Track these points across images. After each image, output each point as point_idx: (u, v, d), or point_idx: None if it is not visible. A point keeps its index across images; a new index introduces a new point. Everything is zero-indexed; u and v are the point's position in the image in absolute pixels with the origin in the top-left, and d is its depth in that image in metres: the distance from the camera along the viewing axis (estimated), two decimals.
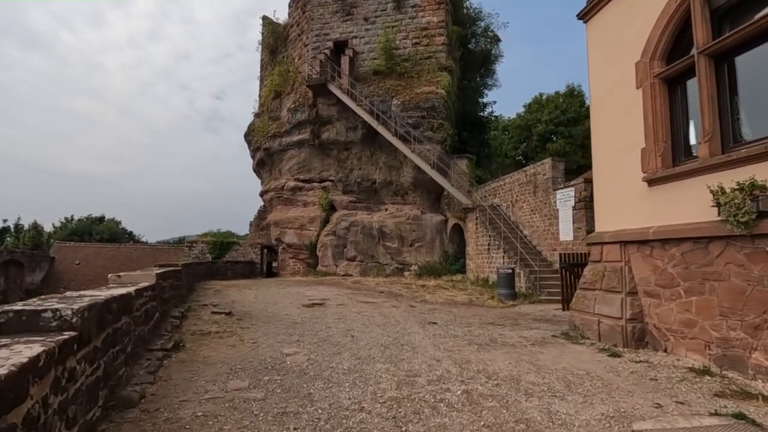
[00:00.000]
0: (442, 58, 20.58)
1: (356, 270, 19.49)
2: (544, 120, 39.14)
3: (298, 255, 21.95)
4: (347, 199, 20.82)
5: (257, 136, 25.09)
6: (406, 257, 19.29)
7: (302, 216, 21.61)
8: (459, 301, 11.83)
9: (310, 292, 12.12)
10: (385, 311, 9.60)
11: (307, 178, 21.98)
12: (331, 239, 20.09)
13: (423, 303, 11.26)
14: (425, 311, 9.84)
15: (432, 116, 19.18)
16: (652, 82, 6.00)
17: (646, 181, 5.96)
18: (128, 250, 33.25)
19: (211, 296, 10.55)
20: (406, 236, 19.31)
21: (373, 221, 19.81)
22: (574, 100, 39.34)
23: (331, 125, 20.67)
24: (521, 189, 15.26)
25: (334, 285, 14.93)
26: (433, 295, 12.53)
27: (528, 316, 9.58)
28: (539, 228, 14.07)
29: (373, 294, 12.57)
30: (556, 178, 13.46)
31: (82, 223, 55.71)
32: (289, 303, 9.98)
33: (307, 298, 10.95)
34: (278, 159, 23.52)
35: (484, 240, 15.51)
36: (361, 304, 10.39)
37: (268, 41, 27.02)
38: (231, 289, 12.48)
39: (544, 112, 40.15)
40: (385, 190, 20.52)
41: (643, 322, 5.96)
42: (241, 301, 10.03)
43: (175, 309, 7.18)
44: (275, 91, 24.10)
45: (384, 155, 20.11)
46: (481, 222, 15.87)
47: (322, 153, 21.44)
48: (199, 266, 13.71)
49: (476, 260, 16.21)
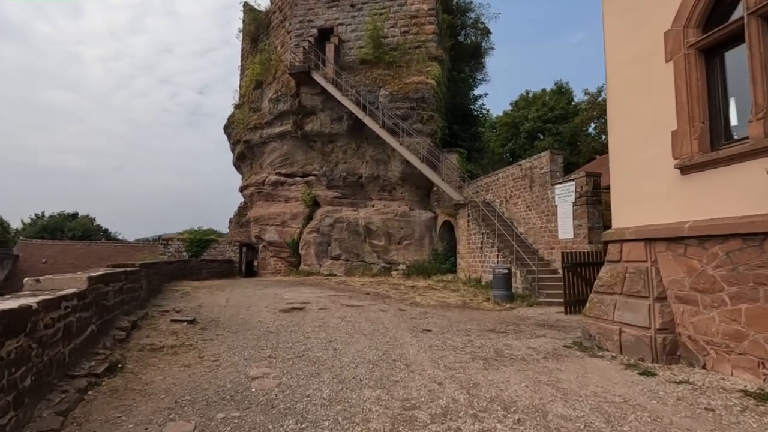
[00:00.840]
0: (432, 47, 19.65)
1: (341, 269, 18.46)
2: (532, 117, 38.72)
3: (280, 253, 20.81)
4: (332, 194, 19.75)
5: (237, 129, 23.79)
6: (394, 256, 18.34)
7: (284, 212, 20.45)
8: (452, 303, 10.93)
9: (289, 294, 11.06)
10: (373, 316, 8.62)
11: (289, 173, 20.82)
12: (315, 237, 19.01)
13: (413, 306, 10.33)
14: (417, 316, 8.89)
15: (421, 108, 18.24)
16: (687, 54, 5.15)
17: (678, 168, 5.11)
18: (100, 248, 31.50)
19: (177, 300, 9.41)
20: (393, 234, 18.35)
21: (359, 218, 18.79)
22: (562, 97, 39.00)
23: (315, 116, 19.56)
24: (516, 184, 14.45)
25: (316, 286, 13.88)
26: (423, 297, 11.61)
27: (529, 321, 8.73)
28: (536, 225, 13.26)
29: (358, 296, 11.57)
30: (554, 172, 12.67)
31: (54, 220, 53.31)
32: (264, 307, 8.91)
33: (285, 301, 9.89)
34: (259, 152, 22.29)
35: (477, 238, 14.66)
36: (345, 308, 9.39)
37: (249, 29, 25.67)
38: (202, 291, 11.33)
39: (532, 109, 39.73)
40: (371, 185, 19.51)
41: (675, 333, 5.11)
42: (209, 305, 8.91)
43: (124, 318, 6.07)
44: (256, 80, 22.85)
45: (371, 148, 19.11)
46: (473, 219, 15.02)
47: (306, 145, 20.31)
48: (168, 266, 12.50)
49: (468, 259, 15.36)
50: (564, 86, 40.98)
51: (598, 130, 36.49)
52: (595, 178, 11.20)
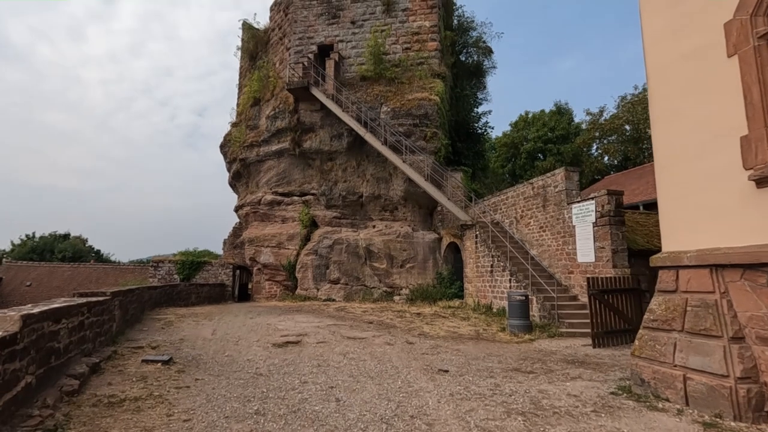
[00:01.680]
0: (434, 64, 19.15)
1: (340, 294, 17.37)
2: (532, 137, 38.41)
3: (275, 276, 19.72)
4: (331, 214, 18.84)
5: (233, 147, 23.05)
6: (396, 279, 17.30)
7: (280, 233, 19.48)
8: (464, 334, 9.88)
9: (284, 324, 9.98)
10: (378, 351, 7.57)
11: (286, 192, 19.95)
12: (312, 259, 17.98)
13: (422, 337, 9.28)
14: (428, 350, 7.85)
15: (425, 124, 17.55)
16: (757, 46, 4.36)
17: (753, 180, 4.24)
18: (87, 270, 30.25)
19: (157, 332, 8.33)
20: (395, 256, 17.36)
21: (359, 239, 17.83)
22: (562, 117, 38.77)
23: (314, 133, 18.84)
24: (527, 203, 13.59)
25: (314, 313, 12.80)
26: (432, 327, 10.55)
27: (555, 357, 7.70)
28: (551, 247, 12.34)
29: (360, 325, 10.51)
30: (570, 191, 11.83)
31: (44, 240, 52.09)
32: (255, 341, 7.85)
33: (279, 332, 8.83)
34: (255, 170, 21.48)
35: (486, 261, 13.70)
36: (347, 342, 8.34)
37: (248, 46, 25.27)
38: (187, 320, 10.24)
39: (531, 129, 39.50)
40: (372, 205, 18.64)
41: (761, 383, 4.13)
42: (193, 338, 7.84)
43: (83, 361, 5.03)
44: (254, 97, 22.24)
45: (372, 166, 18.32)
46: (481, 240, 14.09)
47: (304, 163, 19.52)
48: (151, 291, 11.40)
49: (476, 283, 14.35)
50: (563, 107, 40.81)
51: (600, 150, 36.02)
52: (618, 197, 10.35)
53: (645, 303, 9.80)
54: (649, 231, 11.92)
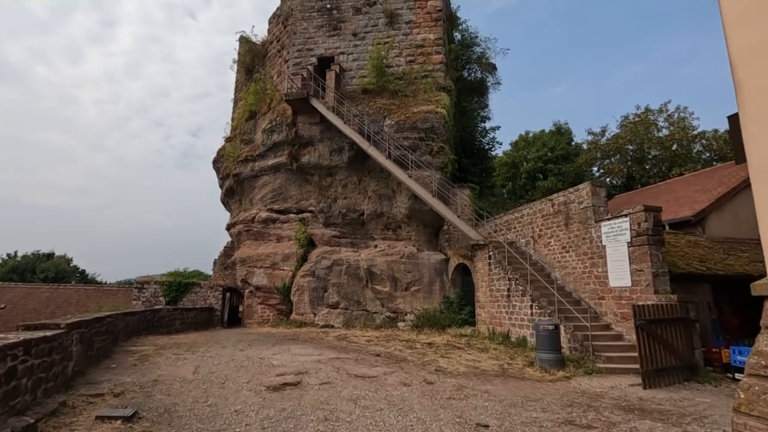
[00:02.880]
0: (439, 77, 18.36)
1: (339, 320, 15.96)
2: (532, 157, 37.86)
3: (269, 300, 18.27)
4: (329, 233, 17.60)
5: (227, 162, 21.92)
6: (400, 304, 15.96)
7: (275, 253, 18.15)
8: (488, 370, 8.58)
9: (280, 358, 8.61)
10: (395, 396, 6.26)
11: (282, 209, 18.73)
12: (309, 281, 16.63)
13: (441, 375, 7.97)
14: (453, 393, 6.55)
15: (431, 138, 16.59)
16: None
17: None
18: (68, 291, 28.44)
19: (127, 370, 6.94)
20: (399, 278, 16.08)
21: (360, 260, 16.55)
22: (561, 137, 38.35)
23: (313, 147, 17.78)
24: (546, 222, 12.51)
25: (312, 342, 11.41)
26: (449, 361, 9.24)
27: (604, 401, 6.45)
28: (576, 270, 11.19)
29: (367, 359, 9.16)
30: (597, 207, 10.78)
31: (26, 260, 49.96)
32: (246, 382, 6.49)
33: (274, 369, 7.47)
34: (249, 186, 20.30)
35: (502, 284, 12.48)
36: (355, 382, 7.01)
37: (244, 60, 24.49)
38: (167, 353, 8.82)
39: (531, 149, 39.03)
40: (374, 223, 17.46)
41: None
42: (169, 379, 6.46)
43: (10, 423, 3.69)
44: (249, 111, 21.27)
45: (374, 182, 17.23)
46: (496, 261, 12.91)
47: (301, 179, 18.39)
48: (127, 318, 9.94)
49: (490, 309, 13.08)
50: (563, 126, 40.41)
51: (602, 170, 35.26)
52: (656, 214, 9.29)
53: (695, 335, 8.62)
54: (684, 252, 10.84)
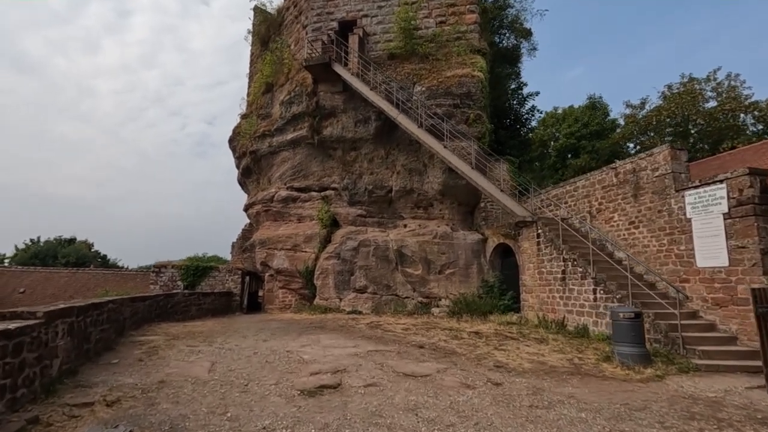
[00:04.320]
0: (473, 39, 16.55)
1: (367, 305, 14.70)
2: (564, 134, 35.58)
3: (290, 284, 17.13)
4: (354, 212, 16.24)
5: (243, 140, 20.63)
6: (434, 288, 14.58)
7: (296, 234, 16.91)
8: (557, 366, 7.15)
9: (310, 351, 7.33)
10: (461, 403, 4.91)
11: (303, 186, 17.42)
12: (334, 264, 15.36)
13: (504, 372, 6.57)
14: (531, 399, 5.17)
15: (467, 105, 14.93)
16: None
17: None
18: (86, 276, 28.00)
19: (129, 368, 5.74)
20: (433, 260, 14.67)
21: (389, 240, 15.18)
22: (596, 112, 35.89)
23: (335, 118, 16.31)
24: (608, 194, 10.87)
25: (342, 331, 10.14)
26: (507, 354, 7.83)
27: (729, 411, 4.99)
28: (649, 248, 9.58)
29: (410, 351, 7.82)
30: (678, 174, 9.09)
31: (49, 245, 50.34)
32: (273, 384, 5.21)
33: (306, 367, 6.18)
34: (267, 164, 19.01)
35: (555, 265, 10.95)
36: (405, 383, 5.67)
37: (259, 30, 22.96)
38: (179, 345, 7.64)
39: (563, 126, 36.67)
40: (403, 201, 16.01)
41: None
42: (179, 380, 5.22)
43: None
44: (266, 83, 19.85)
45: (403, 156, 15.72)
46: (547, 240, 11.36)
47: (323, 154, 16.99)
48: (135, 304, 8.79)
49: (540, 294, 11.59)
50: (597, 101, 37.80)
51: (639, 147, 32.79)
52: (763, 178, 7.59)
53: None
54: None
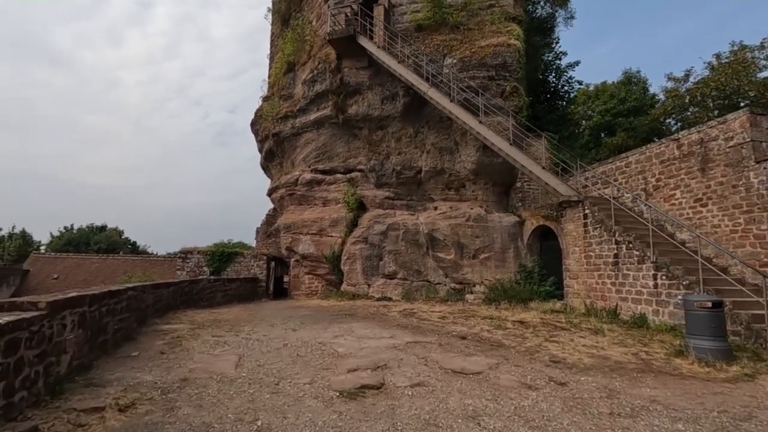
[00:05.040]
0: (508, 5, 15.31)
1: (397, 291, 14.05)
2: (599, 111, 33.59)
3: (316, 269, 16.64)
4: (382, 194, 15.49)
5: (265, 122, 20.06)
6: (468, 274, 13.78)
7: (321, 218, 16.33)
8: (622, 361, 6.28)
9: (344, 343, 6.70)
10: (527, 408, 4.16)
11: (327, 168, 16.75)
12: (362, 248, 14.72)
13: (565, 369, 5.77)
14: (607, 404, 4.37)
15: (502, 77, 13.83)
16: None
17: None
18: (116, 262, 28.40)
19: (149, 362, 5.22)
20: (466, 244, 13.83)
21: (419, 224, 14.40)
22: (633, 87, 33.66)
23: (361, 95, 15.47)
24: (667, 169, 9.74)
25: (375, 319, 9.50)
26: (561, 347, 7.00)
27: None
28: (720, 228, 8.49)
29: (453, 343, 7.09)
30: (758, 143, 7.93)
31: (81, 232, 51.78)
32: (308, 383, 4.58)
33: (342, 362, 5.54)
34: (290, 146, 18.40)
35: (606, 249, 9.96)
36: (456, 381, 4.95)
37: (279, 7, 22.14)
38: (204, 334, 7.13)
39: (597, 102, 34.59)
40: (433, 182, 15.15)
41: None
42: (204, 376, 4.65)
43: None
44: (288, 62, 19.10)
45: (433, 134, 14.80)
46: (596, 221, 10.34)
47: (348, 134, 16.22)
48: (158, 291, 8.37)
49: (586, 280, 10.65)
50: (635, 75, 35.40)
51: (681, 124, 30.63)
52: None
53: None
54: None
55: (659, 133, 29.98)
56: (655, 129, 30.04)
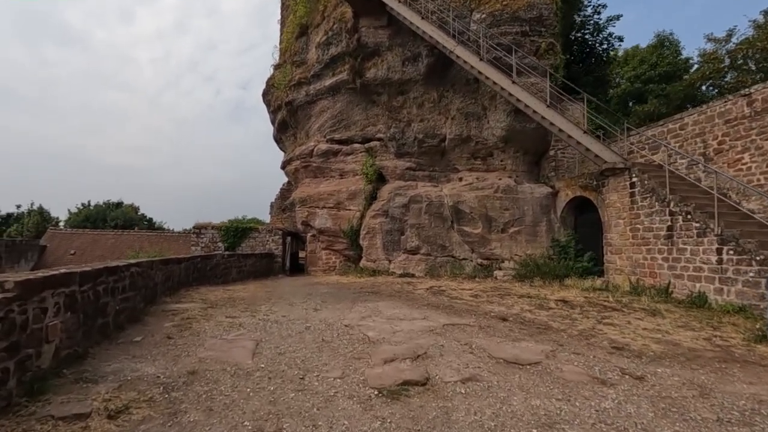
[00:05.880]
0: None
1: (420, 267, 13.28)
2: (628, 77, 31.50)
3: (333, 244, 15.94)
4: (403, 164, 14.54)
5: (277, 91, 19.04)
6: (496, 249, 12.90)
7: (338, 190, 15.50)
8: (694, 347, 5.41)
9: (373, 325, 5.95)
10: (610, 413, 3.34)
11: (344, 138, 15.80)
12: (382, 222, 13.91)
13: (632, 357, 4.93)
14: (704, 404, 3.54)
15: (537, 32, 12.52)
16: None
17: None
18: (132, 237, 28.25)
19: (154, 347, 4.54)
20: (494, 217, 12.90)
21: (443, 196, 13.47)
22: (666, 51, 31.34)
23: (380, 57, 14.31)
24: (734, 129, 8.57)
25: (401, 298, 8.75)
26: (619, 331, 6.15)
27: None
28: None
29: (494, 326, 6.29)
30: None
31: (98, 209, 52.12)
32: (338, 377, 3.83)
33: (375, 349, 4.79)
34: (305, 116, 17.43)
35: (658, 220, 8.94)
36: (513, 375, 4.15)
37: None
38: (217, 315, 6.47)
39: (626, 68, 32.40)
40: (458, 151, 14.11)
41: None
42: (216, 368, 3.94)
43: None
44: (300, 25, 17.89)
45: (459, 98, 13.66)
46: (645, 190, 9.28)
47: (366, 100, 15.16)
48: (168, 267, 7.71)
49: (632, 254, 9.68)
50: (667, 38, 32.96)
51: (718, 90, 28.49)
52: None
53: None
54: None
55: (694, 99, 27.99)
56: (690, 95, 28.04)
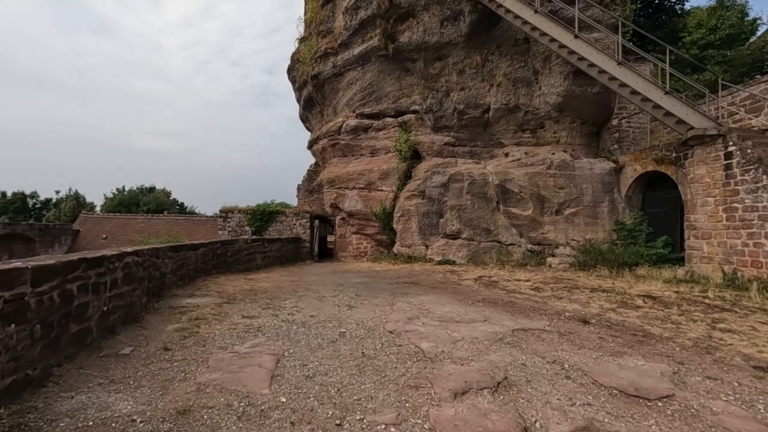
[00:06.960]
0: None
1: (461, 253, 11.93)
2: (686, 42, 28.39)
3: (364, 228, 14.77)
4: (441, 139, 13.08)
5: (302, 66, 17.78)
6: (549, 233, 11.37)
7: (369, 170, 14.23)
8: None
9: (424, 331, 4.71)
10: None
11: (375, 112, 14.43)
12: (418, 204, 12.58)
13: None
14: None
15: None
16: None
17: None
18: (161, 221, 28.09)
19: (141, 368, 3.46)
20: (547, 197, 11.33)
21: (487, 174, 11.97)
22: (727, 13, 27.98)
23: (415, 19, 12.76)
24: None
25: (446, 290, 7.47)
26: (749, 341, 4.67)
27: None
28: None
29: (575, 331, 4.93)
30: None
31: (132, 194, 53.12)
32: (390, 422, 2.61)
33: (436, 372, 3.55)
34: (332, 90, 16.12)
35: (765, 198, 7.23)
36: (646, 418, 2.81)
37: None
38: (232, 313, 5.39)
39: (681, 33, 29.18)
40: (503, 123, 12.51)
41: None
42: (217, 404, 2.81)
43: None
44: None
45: (505, 61, 12.00)
46: (747, 161, 7.54)
47: (400, 68, 13.68)
48: (182, 253, 6.71)
49: (726, 240, 8.00)
50: None
51: None
52: None
53: None
54: None
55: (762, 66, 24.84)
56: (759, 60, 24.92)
